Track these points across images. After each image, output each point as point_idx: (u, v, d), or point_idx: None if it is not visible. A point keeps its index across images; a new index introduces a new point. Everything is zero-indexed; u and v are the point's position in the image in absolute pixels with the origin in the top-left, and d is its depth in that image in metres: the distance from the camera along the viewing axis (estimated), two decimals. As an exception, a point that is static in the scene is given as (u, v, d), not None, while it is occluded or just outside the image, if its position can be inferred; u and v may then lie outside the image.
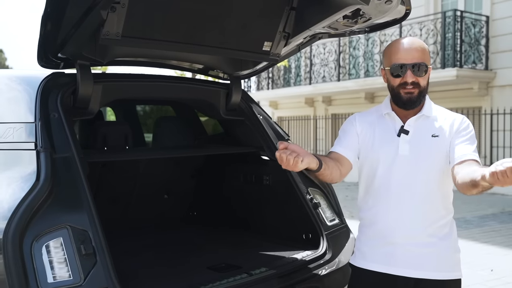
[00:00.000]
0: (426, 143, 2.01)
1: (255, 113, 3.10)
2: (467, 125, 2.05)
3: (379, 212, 2.04)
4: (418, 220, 1.97)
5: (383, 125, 2.09)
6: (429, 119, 2.06)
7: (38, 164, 2.00)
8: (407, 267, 1.97)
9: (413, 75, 1.99)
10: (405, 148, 2.01)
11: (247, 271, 2.40)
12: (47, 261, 1.84)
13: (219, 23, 2.37)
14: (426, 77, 2.04)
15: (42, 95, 2.22)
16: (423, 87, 2.03)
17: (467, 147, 1.97)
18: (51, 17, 2.01)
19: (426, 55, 2.04)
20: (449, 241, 2.02)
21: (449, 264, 2.01)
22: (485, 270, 4.93)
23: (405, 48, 2.02)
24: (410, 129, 2.03)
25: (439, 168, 2.00)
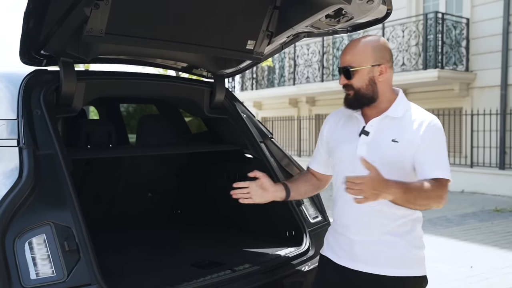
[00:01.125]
0: (384, 147, 1.97)
1: (239, 111, 3.12)
2: (435, 132, 1.98)
3: (341, 208, 2.08)
4: (374, 218, 1.96)
5: (349, 125, 2.11)
6: (395, 121, 2.00)
7: (20, 161, 1.99)
8: (365, 263, 1.98)
9: (343, 78, 2.03)
10: (363, 149, 1.99)
11: (230, 268, 2.42)
12: (30, 257, 1.83)
13: (203, 21, 2.38)
14: (360, 78, 2.00)
15: (25, 92, 2.21)
16: (359, 88, 2.00)
17: (429, 160, 1.93)
18: (33, 13, 2.00)
19: (357, 55, 2.00)
20: (409, 238, 1.98)
21: (407, 261, 1.97)
22: (465, 266, 5.01)
23: (343, 51, 2.07)
24: (371, 130, 2.01)
25: (397, 172, 1.92)
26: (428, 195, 1.86)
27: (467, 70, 11.70)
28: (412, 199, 1.83)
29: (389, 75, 2.05)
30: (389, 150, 1.96)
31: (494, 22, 11.23)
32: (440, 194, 1.89)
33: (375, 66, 1.99)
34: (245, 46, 2.62)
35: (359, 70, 1.99)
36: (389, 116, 2.01)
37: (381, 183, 1.76)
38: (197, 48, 2.51)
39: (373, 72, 2.00)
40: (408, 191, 1.81)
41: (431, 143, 1.95)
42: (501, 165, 10.80)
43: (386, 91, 2.04)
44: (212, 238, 3.14)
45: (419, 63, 11.72)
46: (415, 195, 1.83)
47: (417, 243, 2.01)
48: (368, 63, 1.99)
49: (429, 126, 1.97)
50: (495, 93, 11.24)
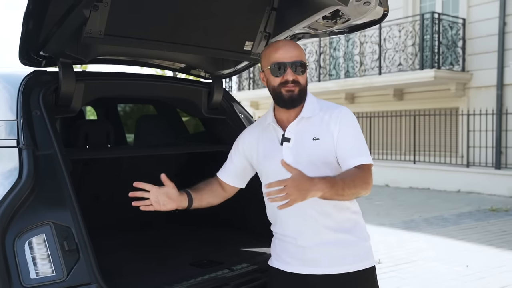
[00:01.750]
0: (307, 148, 1.98)
1: (237, 112, 3.13)
2: (346, 120, 2.01)
3: (284, 220, 2.06)
4: (320, 222, 1.97)
5: (268, 136, 2.10)
6: (311, 121, 2.02)
7: (20, 161, 2.00)
8: (318, 266, 1.99)
9: (293, 73, 2.00)
10: (289, 156, 1.98)
11: (229, 267, 2.44)
12: (30, 257, 1.84)
13: (201, 22, 2.39)
14: (305, 76, 2.04)
15: (24, 93, 2.22)
16: (303, 86, 2.03)
17: (348, 149, 1.95)
18: (33, 14, 2.01)
19: (303, 54, 2.05)
20: (355, 232, 2.03)
21: (358, 255, 2.02)
22: (461, 266, 5.04)
23: (284, 47, 2.03)
24: (292, 136, 2.02)
25: (326, 169, 1.95)
26: (354, 183, 1.86)
27: (463, 70, 11.75)
28: (340, 190, 1.81)
29: None
30: (313, 149, 1.98)
31: (490, 22, 11.29)
32: (365, 180, 1.90)
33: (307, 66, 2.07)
34: (242, 47, 2.64)
35: (307, 67, 2.06)
36: (304, 117, 2.03)
37: (305, 181, 1.74)
38: (195, 49, 2.52)
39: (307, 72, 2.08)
40: (335, 183, 1.81)
41: (345, 132, 1.98)
42: (497, 165, 10.86)
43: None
44: (210, 238, 3.16)
45: (415, 63, 11.76)
46: (342, 186, 1.82)
47: (362, 235, 2.06)
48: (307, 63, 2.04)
49: (340, 116, 2.01)
50: (491, 93, 11.29)
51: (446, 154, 11.96)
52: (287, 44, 2.07)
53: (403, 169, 12.07)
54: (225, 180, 2.27)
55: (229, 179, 2.27)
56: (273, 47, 2.07)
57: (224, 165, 2.30)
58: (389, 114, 13.13)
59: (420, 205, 8.91)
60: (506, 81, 11.06)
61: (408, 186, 11.83)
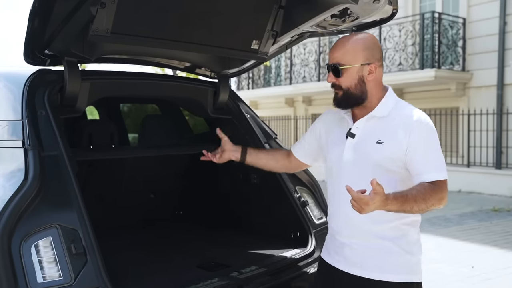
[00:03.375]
0: (369, 149, 1.91)
1: (243, 111, 3.10)
2: (423, 130, 1.88)
3: (332, 211, 2.07)
4: (364, 222, 1.89)
5: (340, 126, 2.07)
6: (381, 121, 1.93)
7: (26, 162, 1.96)
8: (354, 266, 1.95)
9: (332, 76, 1.96)
10: (349, 152, 1.95)
11: (237, 270, 2.40)
12: (37, 261, 1.81)
13: (208, 21, 2.35)
14: (349, 76, 1.93)
15: (29, 92, 2.18)
16: (347, 88, 1.94)
17: (421, 162, 1.85)
18: (39, 13, 1.97)
19: (347, 53, 1.93)
20: (400, 243, 1.92)
21: (398, 266, 1.91)
22: (466, 267, 5.01)
23: (332, 47, 2.00)
24: (357, 132, 1.96)
25: (385, 174, 1.87)
26: (426, 202, 1.79)
27: (463, 70, 11.73)
28: (408, 208, 1.77)
29: (379, 74, 1.98)
30: (373, 152, 1.89)
31: (491, 22, 11.27)
32: (440, 197, 1.83)
33: (365, 65, 1.93)
34: (250, 46, 2.60)
35: (348, 69, 1.93)
36: (375, 116, 1.95)
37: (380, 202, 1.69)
38: (202, 47, 2.48)
39: (363, 71, 1.94)
40: (405, 202, 1.76)
41: (420, 143, 1.86)
42: (498, 165, 10.84)
43: (376, 90, 1.98)
44: (216, 239, 3.11)
45: (416, 63, 11.73)
46: (412, 204, 1.77)
47: (409, 248, 1.94)
48: (357, 62, 1.93)
49: (416, 124, 1.88)
50: (492, 93, 11.27)
51: (447, 154, 11.93)
52: (336, 44, 2.00)
53: (403, 169, 12.02)
54: (296, 153, 2.29)
55: (300, 153, 2.29)
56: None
57: (299, 141, 2.33)
58: (389, 114, 13.08)
59: (422, 205, 8.86)
60: (506, 81, 11.04)
61: (408, 186, 11.79)
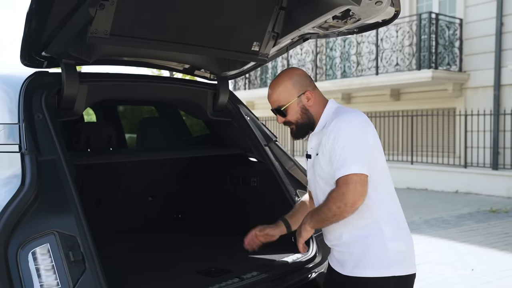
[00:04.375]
0: (316, 164, 2.10)
1: (243, 114, 3.06)
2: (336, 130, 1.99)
3: None
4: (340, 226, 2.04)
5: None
6: (319, 136, 2.10)
7: (23, 167, 1.91)
8: (339, 265, 2.10)
9: (280, 117, 2.15)
10: (310, 172, 2.18)
11: (238, 276, 2.35)
12: (34, 268, 1.76)
13: (208, 22, 2.31)
14: (293, 112, 2.11)
15: (26, 95, 2.13)
16: (296, 120, 2.12)
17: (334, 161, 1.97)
18: (36, 14, 1.92)
19: (281, 94, 2.11)
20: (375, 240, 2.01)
21: (374, 262, 2.00)
22: (466, 269, 4.98)
23: (268, 95, 2.18)
24: (311, 152, 2.15)
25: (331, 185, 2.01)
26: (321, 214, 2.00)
27: (460, 71, 11.73)
28: (320, 221, 2.02)
29: (317, 95, 2.15)
30: (317, 165, 2.09)
31: (487, 22, 11.28)
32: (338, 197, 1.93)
33: (301, 95, 2.11)
34: (250, 47, 2.57)
35: (289, 106, 2.11)
36: (315, 132, 2.13)
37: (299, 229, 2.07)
38: (202, 49, 2.44)
39: (302, 101, 2.11)
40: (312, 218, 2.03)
41: (332, 143, 1.99)
42: (494, 166, 10.84)
43: (319, 111, 2.13)
44: (215, 243, 3.07)
45: (413, 64, 11.73)
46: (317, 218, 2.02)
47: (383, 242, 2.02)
48: (293, 97, 2.10)
49: (335, 127, 2.00)
50: (488, 94, 11.28)
51: (444, 155, 11.94)
52: (270, 88, 2.17)
53: (400, 169, 12.02)
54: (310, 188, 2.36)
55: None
56: None
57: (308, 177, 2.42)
58: (386, 115, 13.09)
59: (419, 206, 8.85)
60: (503, 82, 11.05)
61: (405, 187, 11.79)
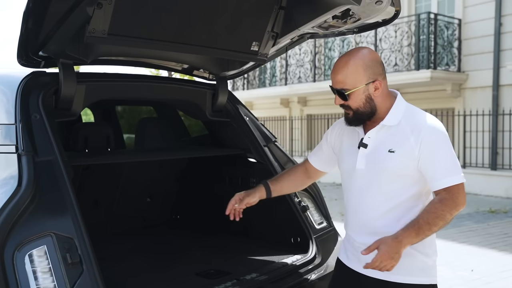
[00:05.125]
0: (382, 159, 1.92)
1: (242, 114, 3.04)
2: (433, 136, 1.89)
3: (349, 214, 2.09)
4: (379, 225, 1.94)
5: (350, 135, 2.07)
6: (391, 130, 1.94)
7: (19, 168, 1.89)
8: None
9: (339, 99, 1.97)
10: (362, 162, 1.97)
11: (237, 277, 2.34)
12: (31, 271, 1.74)
13: (207, 22, 2.30)
14: (356, 98, 1.92)
15: (22, 95, 2.11)
16: (357, 108, 1.94)
17: (434, 168, 1.87)
18: (33, 13, 1.90)
19: (349, 77, 1.91)
20: (416, 246, 1.90)
21: (413, 269, 1.93)
22: (466, 270, 4.96)
23: (333, 70, 1.98)
24: (370, 142, 1.96)
25: (398, 183, 1.91)
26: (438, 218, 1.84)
27: (459, 71, 11.72)
28: (427, 232, 1.83)
29: (385, 86, 1.98)
30: (386, 161, 1.91)
31: (486, 23, 11.26)
32: (452, 206, 1.85)
33: (369, 83, 1.93)
34: (249, 47, 2.55)
35: (354, 92, 1.92)
36: (385, 125, 1.95)
37: (390, 246, 1.79)
38: (201, 49, 2.43)
39: (369, 90, 1.93)
40: (419, 229, 1.82)
41: (431, 150, 1.87)
42: (493, 166, 10.83)
43: (384, 102, 1.97)
44: (214, 245, 3.05)
45: (411, 64, 11.71)
46: (428, 227, 1.82)
47: (424, 250, 1.95)
48: (362, 83, 1.92)
49: (426, 131, 1.89)
50: (487, 94, 11.27)
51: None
52: (337, 66, 1.96)
53: (399, 170, 12.00)
54: (314, 163, 2.30)
55: (318, 163, 2.30)
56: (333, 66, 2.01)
57: (315, 150, 2.33)
58: (384, 115, 13.06)
59: (418, 206, 8.83)
60: (502, 82, 11.03)
61: (404, 187, 11.77)
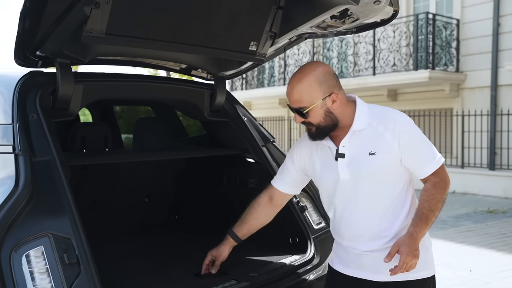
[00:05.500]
0: (365, 163, 1.94)
1: (240, 114, 3.03)
2: (406, 130, 1.96)
3: (339, 229, 2.10)
4: (371, 232, 1.97)
5: (321, 151, 2.07)
6: (363, 134, 1.96)
7: (16, 168, 1.89)
8: (373, 272, 2.00)
9: (299, 117, 1.97)
10: (345, 172, 1.97)
11: (236, 278, 2.33)
12: (28, 271, 1.74)
13: (205, 22, 2.29)
14: (315, 115, 1.93)
15: (20, 95, 2.10)
16: (318, 123, 1.95)
17: (417, 160, 1.95)
18: (30, 12, 1.89)
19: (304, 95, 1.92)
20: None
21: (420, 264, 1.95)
22: (464, 270, 4.97)
23: (287, 89, 1.98)
24: (346, 151, 1.97)
25: (384, 183, 1.95)
26: (438, 200, 1.94)
27: (457, 71, 11.74)
28: (433, 218, 1.93)
29: (342, 97, 1.98)
30: (371, 164, 1.93)
31: (484, 23, 11.29)
32: (444, 186, 1.96)
33: (326, 97, 1.94)
34: (248, 47, 2.55)
35: (312, 109, 1.93)
36: (356, 130, 1.97)
37: (410, 245, 1.84)
38: (199, 49, 2.42)
39: (326, 104, 1.94)
40: (427, 219, 1.90)
41: (409, 140, 1.95)
42: (491, 166, 10.85)
43: (345, 110, 1.99)
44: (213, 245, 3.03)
45: (410, 64, 11.73)
46: (433, 214, 1.92)
47: (424, 244, 2.00)
48: (318, 99, 1.93)
49: (398, 125, 1.96)
50: (485, 94, 11.29)
51: (441, 155, 11.92)
52: (291, 84, 1.97)
53: (397, 170, 12.02)
54: (283, 189, 2.24)
55: (287, 188, 2.25)
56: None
57: (280, 176, 2.26)
58: (383, 115, 13.07)
59: (417, 206, 8.85)
60: (500, 82, 11.05)
61: (402, 187, 11.79)
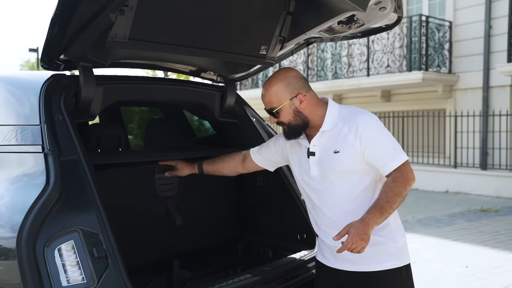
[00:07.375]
0: (331, 161, 2.11)
1: (249, 115, 3.14)
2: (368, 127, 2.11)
3: (316, 218, 2.25)
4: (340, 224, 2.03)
5: (297, 148, 2.28)
6: (332, 133, 2.14)
7: (46, 167, 1.97)
8: (348, 263, 2.14)
9: (272, 118, 2.21)
10: (315, 169, 2.16)
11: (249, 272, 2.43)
12: (60, 264, 1.83)
13: (220, 27, 2.39)
14: (285, 114, 2.15)
15: (46, 97, 2.19)
16: (289, 122, 2.16)
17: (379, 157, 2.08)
18: (60, 19, 1.99)
19: (273, 96, 2.16)
20: (384, 234, 2.11)
21: (386, 255, 2.11)
22: (460, 266, 5.11)
23: (262, 94, 2.23)
24: (316, 149, 2.16)
25: (351, 180, 2.09)
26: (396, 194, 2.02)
27: (450, 72, 11.91)
28: (389, 210, 2.00)
29: (310, 97, 2.19)
30: (335, 162, 2.10)
31: (476, 25, 11.46)
32: (405, 182, 2.04)
33: (293, 98, 2.15)
34: (258, 51, 2.64)
35: (281, 109, 2.16)
36: (324, 131, 2.15)
37: (360, 228, 1.93)
38: (214, 53, 2.52)
39: (294, 104, 2.15)
40: (382, 209, 1.98)
41: (371, 139, 2.08)
42: (483, 166, 11.02)
43: (315, 111, 2.18)
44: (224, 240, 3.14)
45: (403, 65, 11.87)
46: (389, 205, 2.00)
47: (392, 235, 2.14)
48: (286, 99, 2.15)
49: (361, 125, 2.10)
50: (477, 95, 11.46)
51: (434, 155, 12.11)
52: (263, 89, 2.22)
53: (391, 170, 12.15)
54: (256, 160, 2.48)
55: (261, 161, 2.49)
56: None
57: (261, 148, 2.50)
58: (377, 115, 13.17)
59: (411, 206, 8.98)
60: (491, 83, 11.24)
61: (396, 187, 11.92)
